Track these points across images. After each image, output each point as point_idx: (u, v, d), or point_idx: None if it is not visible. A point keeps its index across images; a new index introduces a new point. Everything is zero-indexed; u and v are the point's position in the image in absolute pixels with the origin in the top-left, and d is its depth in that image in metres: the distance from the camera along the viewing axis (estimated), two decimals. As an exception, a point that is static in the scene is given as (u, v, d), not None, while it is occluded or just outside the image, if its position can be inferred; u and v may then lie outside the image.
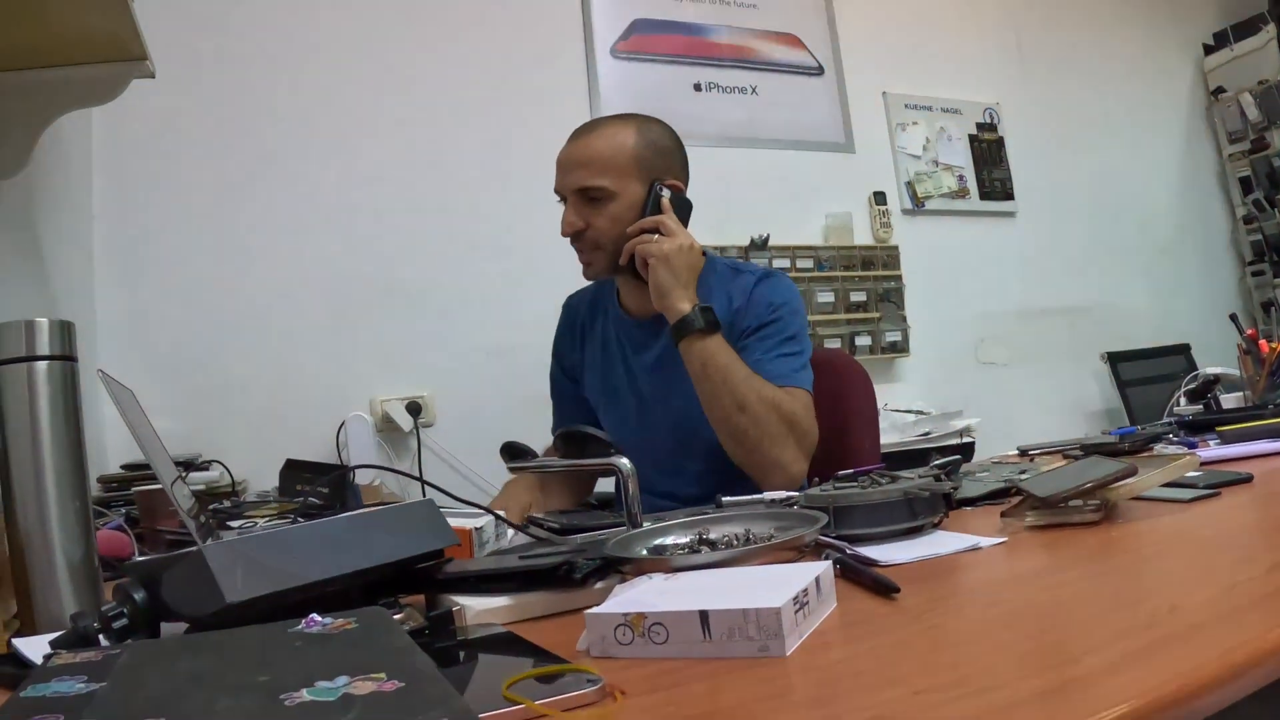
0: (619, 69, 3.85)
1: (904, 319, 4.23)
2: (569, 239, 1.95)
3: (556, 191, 1.96)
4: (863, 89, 4.37)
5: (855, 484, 1.28)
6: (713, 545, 1.12)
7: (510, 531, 1.49)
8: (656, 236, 1.86)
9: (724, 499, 1.53)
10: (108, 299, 2.98)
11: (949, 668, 0.71)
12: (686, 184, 2.00)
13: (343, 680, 0.60)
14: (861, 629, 0.84)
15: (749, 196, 3.95)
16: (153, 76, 2.12)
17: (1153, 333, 4.88)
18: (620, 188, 1.89)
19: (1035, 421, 4.16)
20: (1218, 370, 2.59)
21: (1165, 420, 2.27)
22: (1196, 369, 2.59)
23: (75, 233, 2.87)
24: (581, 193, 1.91)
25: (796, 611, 0.78)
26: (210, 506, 2.09)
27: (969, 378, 4.44)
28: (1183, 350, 4.81)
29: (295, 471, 2.42)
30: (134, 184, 3.06)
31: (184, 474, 1.70)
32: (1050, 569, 1.06)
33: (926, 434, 3.52)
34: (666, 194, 1.90)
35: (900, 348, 4.21)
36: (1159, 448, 1.89)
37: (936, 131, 4.52)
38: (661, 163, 1.94)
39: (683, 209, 1.94)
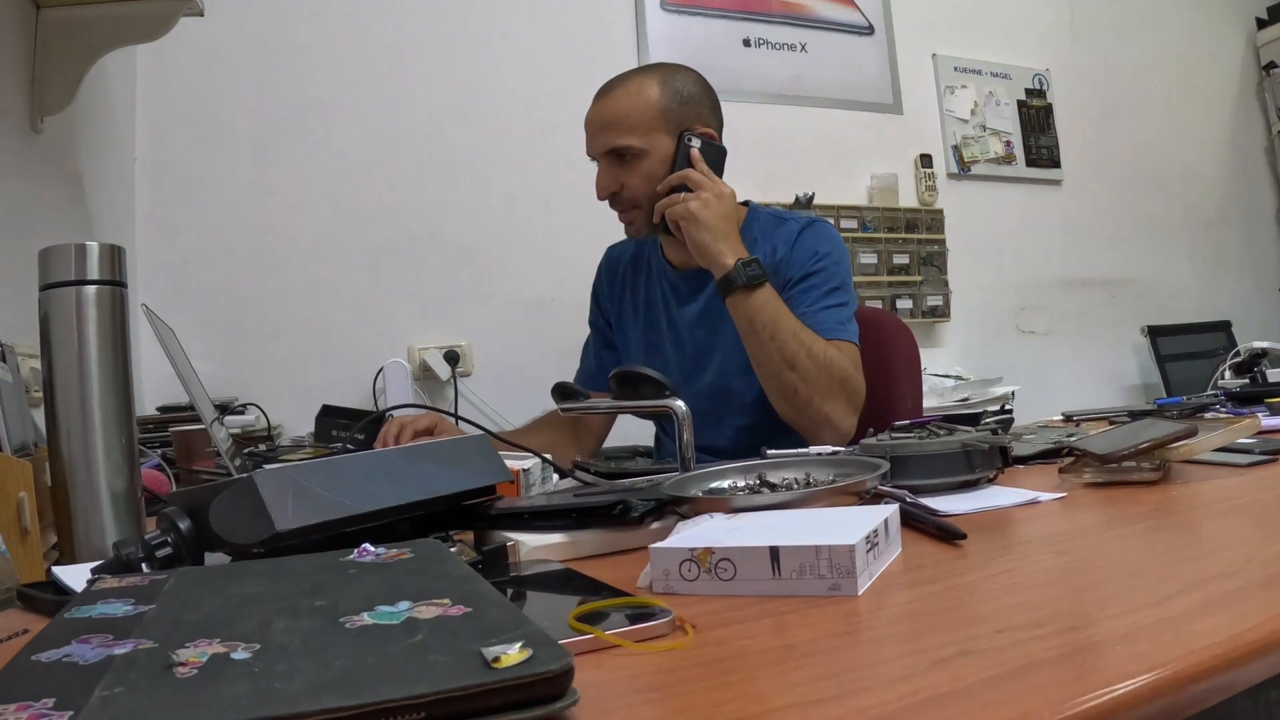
0: (668, 22, 3.78)
1: (946, 283, 4.20)
2: (606, 201, 1.94)
3: (588, 155, 1.94)
4: (912, 50, 4.29)
5: (912, 435, 1.26)
6: (773, 488, 1.10)
7: (555, 475, 1.47)
8: (683, 195, 1.82)
9: (769, 451, 1.50)
10: (148, 240, 2.98)
11: (1029, 608, 0.69)
12: (720, 129, 1.96)
13: (405, 605, 0.59)
14: (929, 572, 0.82)
15: (795, 154, 3.91)
16: (201, 14, 2.12)
17: (1194, 308, 4.83)
18: (649, 144, 1.86)
19: (1072, 392, 4.14)
20: (1264, 344, 2.58)
21: (1211, 392, 2.26)
22: (1237, 346, 2.58)
23: (117, 173, 2.86)
24: (611, 154, 1.89)
25: (868, 551, 0.76)
26: (245, 450, 2.09)
27: (1008, 345, 4.40)
28: (1224, 327, 4.76)
29: (331, 417, 2.43)
30: (176, 126, 3.05)
31: (220, 417, 1.69)
32: (1115, 522, 1.03)
33: (965, 399, 3.49)
34: (696, 144, 1.86)
35: (941, 312, 4.17)
36: (1209, 416, 1.86)
37: (985, 96, 4.44)
38: (689, 112, 1.90)
39: (715, 156, 1.89)
